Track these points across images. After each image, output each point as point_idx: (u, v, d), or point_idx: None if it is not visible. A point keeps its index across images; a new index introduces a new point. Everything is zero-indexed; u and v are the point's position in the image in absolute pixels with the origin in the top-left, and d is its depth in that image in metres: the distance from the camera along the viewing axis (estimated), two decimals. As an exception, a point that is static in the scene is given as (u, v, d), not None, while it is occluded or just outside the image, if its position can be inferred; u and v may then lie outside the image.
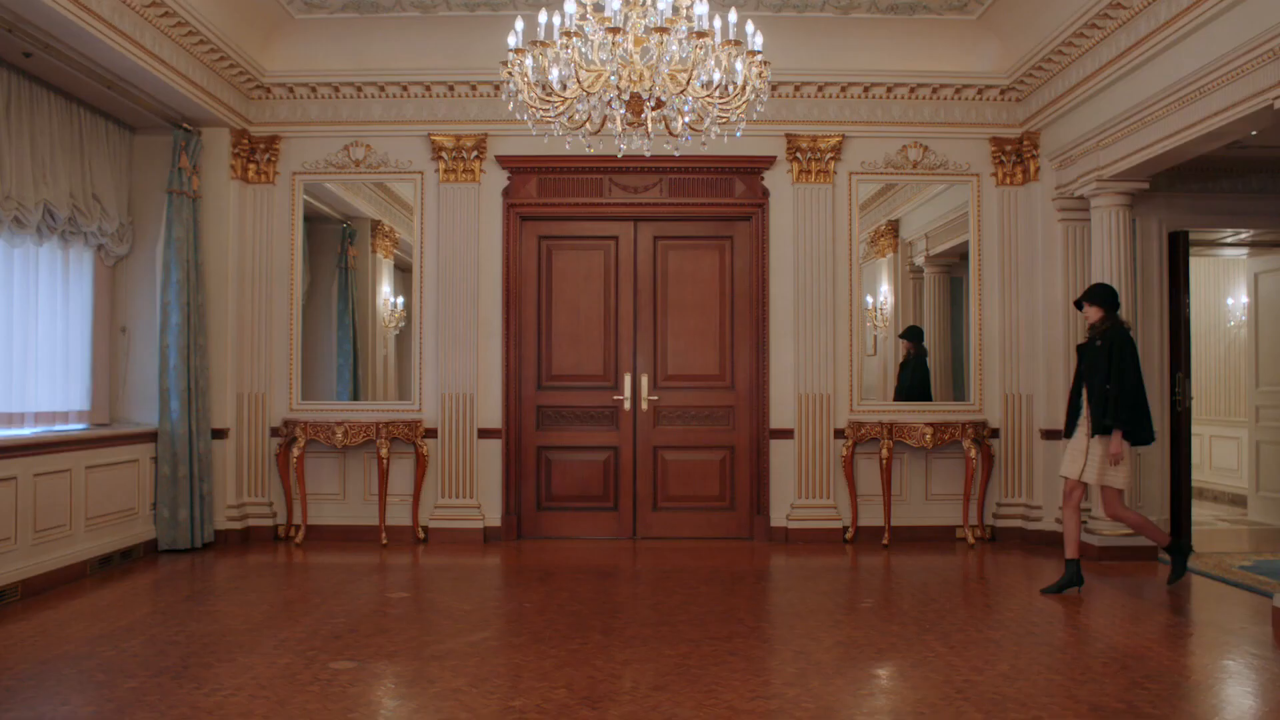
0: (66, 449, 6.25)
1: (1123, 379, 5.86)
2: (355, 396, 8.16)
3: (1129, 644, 4.79)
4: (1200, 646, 4.93)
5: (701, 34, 4.65)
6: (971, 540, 7.66)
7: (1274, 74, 4.98)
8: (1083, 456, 6.00)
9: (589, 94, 4.79)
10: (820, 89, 7.82)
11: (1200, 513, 9.43)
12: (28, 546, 5.79)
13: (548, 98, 5.00)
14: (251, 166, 7.88)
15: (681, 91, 4.79)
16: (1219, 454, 10.61)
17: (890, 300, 8.32)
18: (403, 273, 8.40)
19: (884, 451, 7.63)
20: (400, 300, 8.41)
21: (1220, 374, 10.61)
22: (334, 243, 8.47)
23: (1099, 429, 5.91)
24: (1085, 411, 6.04)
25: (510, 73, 4.97)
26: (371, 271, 8.55)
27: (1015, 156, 7.91)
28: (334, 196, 8.31)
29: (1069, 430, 6.16)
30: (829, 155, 7.85)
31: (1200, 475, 10.77)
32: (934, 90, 7.84)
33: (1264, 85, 5.08)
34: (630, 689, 4.04)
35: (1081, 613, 5.58)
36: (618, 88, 4.71)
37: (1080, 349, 6.23)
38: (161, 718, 3.69)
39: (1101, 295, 6.12)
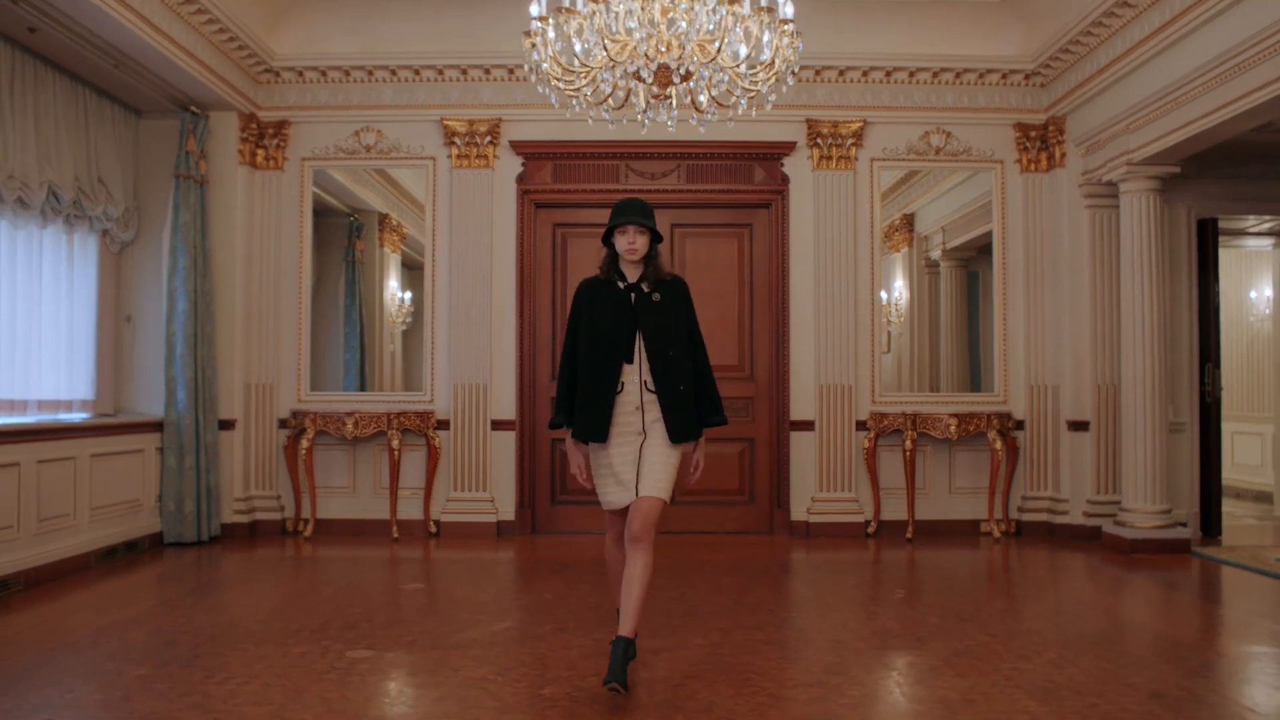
0: (71, 436, 6.07)
1: (704, 353, 4.03)
2: (361, 391, 7.97)
3: (1178, 634, 4.60)
4: (1253, 636, 4.73)
5: (732, 0, 4.49)
6: (997, 534, 7.47)
7: (1323, 44, 4.81)
8: (635, 467, 3.77)
9: (615, 64, 4.62)
10: (841, 73, 7.65)
11: (1231, 508, 9.25)
12: (30, 536, 5.60)
13: (571, 70, 4.83)
14: (260, 152, 7.71)
15: (711, 61, 4.62)
16: (1242, 450, 10.41)
17: (905, 296, 8.14)
18: (410, 269, 8.21)
19: (907, 443, 7.45)
20: (408, 296, 8.22)
21: (1244, 369, 10.41)
22: (341, 236, 8.27)
23: (684, 432, 3.79)
24: (643, 402, 3.79)
25: (534, 43, 4.80)
26: (379, 266, 8.36)
27: (1040, 142, 7.74)
28: (341, 188, 8.13)
29: (593, 429, 3.77)
30: (850, 141, 7.68)
31: (1227, 473, 10.59)
32: (957, 75, 7.68)
33: (1311, 56, 4.92)
34: (665, 677, 3.85)
35: (1119, 605, 5.39)
36: (646, 55, 4.54)
37: (615, 298, 3.89)
38: (172, 705, 3.50)
39: (652, 217, 3.92)
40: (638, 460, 3.78)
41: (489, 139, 7.66)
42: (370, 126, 7.76)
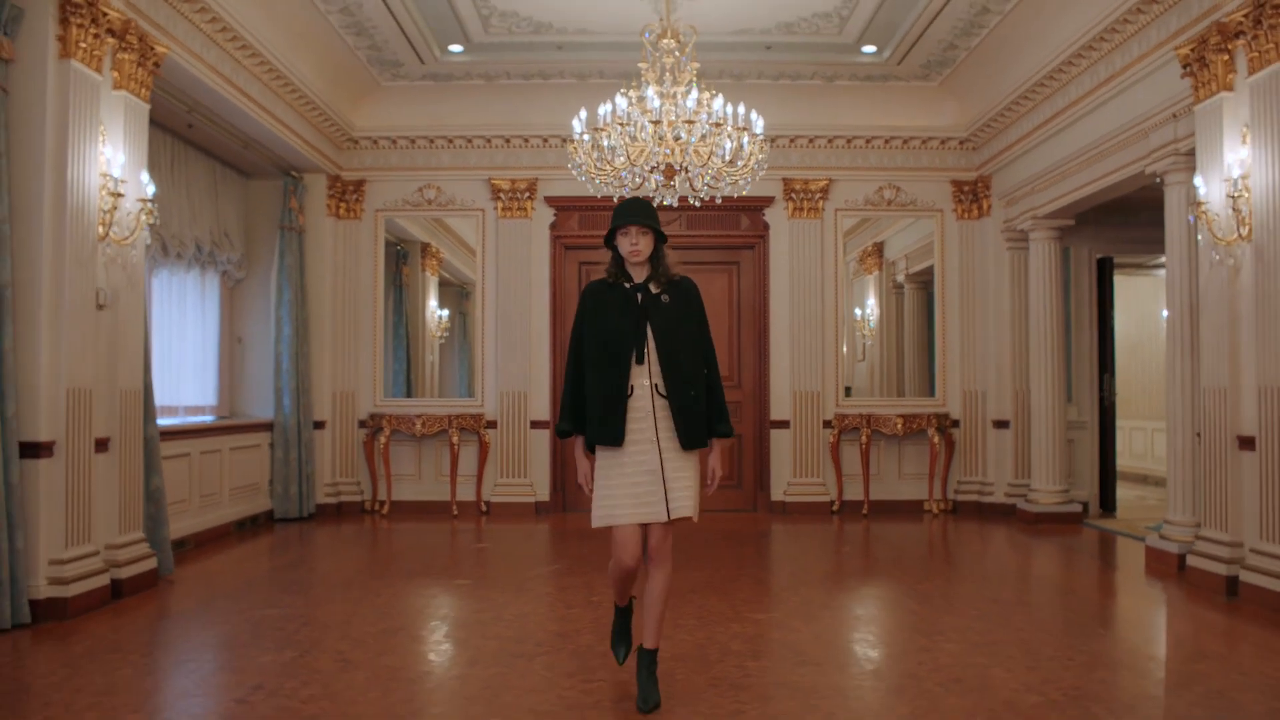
0: (217, 433, 7.93)
1: (714, 361, 3.88)
2: (408, 397, 9.76)
3: (1038, 572, 6.47)
4: (1088, 571, 6.59)
5: (718, 124, 6.35)
6: (936, 511, 9.32)
7: (1143, 148, 6.70)
8: (660, 482, 3.65)
9: (634, 164, 6.48)
10: (811, 141, 9.51)
11: (1144, 493, 11.13)
12: (196, 508, 7.47)
13: (602, 169, 6.69)
14: (342, 205, 9.57)
15: (704, 164, 6.48)
16: (1161, 445, 12.26)
17: (876, 312, 9.99)
18: (446, 288, 9.98)
19: (863, 438, 9.31)
20: (445, 313, 10.01)
21: (1159, 377, 12.26)
22: (390, 263, 10.01)
23: (695, 439, 3.70)
24: (654, 407, 3.68)
25: (575, 149, 6.66)
26: (421, 288, 10.17)
27: (972, 195, 9.60)
28: (393, 223, 9.88)
29: (607, 434, 3.67)
30: (818, 195, 9.54)
31: (1146, 464, 12.50)
32: (904, 141, 9.53)
33: (1138, 155, 6.80)
34: (674, 591, 5.69)
35: (1010, 555, 7.25)
36: (657, 162, 6.40)
37: (623, 299, 3.77)
38: (355, 609, 5.35)
39: (654, 216, 3.81)
40: (660, 475, 3.61)
41: (527, 194, 9.52)
42: (431, 184, 9.62)
